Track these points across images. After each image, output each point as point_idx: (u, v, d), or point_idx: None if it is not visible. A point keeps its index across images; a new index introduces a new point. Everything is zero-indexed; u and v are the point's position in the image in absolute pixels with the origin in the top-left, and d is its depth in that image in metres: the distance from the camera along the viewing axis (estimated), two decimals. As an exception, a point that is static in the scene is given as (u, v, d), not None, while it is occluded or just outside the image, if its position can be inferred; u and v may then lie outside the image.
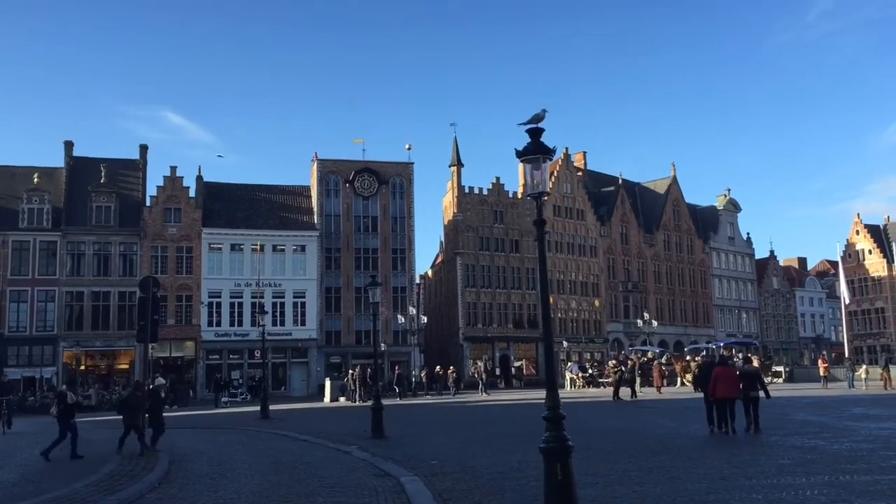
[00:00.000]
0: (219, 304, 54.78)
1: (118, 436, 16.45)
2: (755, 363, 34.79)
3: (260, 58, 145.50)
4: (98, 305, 51.98)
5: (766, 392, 17.95)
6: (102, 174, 53.08)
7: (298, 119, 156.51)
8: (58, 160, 56.19)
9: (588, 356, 63.83)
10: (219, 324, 54.48)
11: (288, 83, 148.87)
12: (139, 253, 53.31)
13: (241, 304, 55.01)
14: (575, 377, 48.56)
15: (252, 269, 54.56)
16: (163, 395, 17.84)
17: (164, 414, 17.57)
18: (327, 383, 44.36)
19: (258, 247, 55.21)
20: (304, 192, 61.70)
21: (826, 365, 42.51)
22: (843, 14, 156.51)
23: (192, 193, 55.87)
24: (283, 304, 56.03)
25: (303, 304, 56.68)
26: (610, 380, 39.21)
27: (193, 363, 53.65)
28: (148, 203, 55.00)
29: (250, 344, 52.28)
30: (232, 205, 57.72)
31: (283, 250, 57.11)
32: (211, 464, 14.81)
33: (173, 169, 55.98)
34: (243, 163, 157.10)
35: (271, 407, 30.67)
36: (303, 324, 56.44)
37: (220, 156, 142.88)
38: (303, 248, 57.68)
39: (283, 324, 55.38)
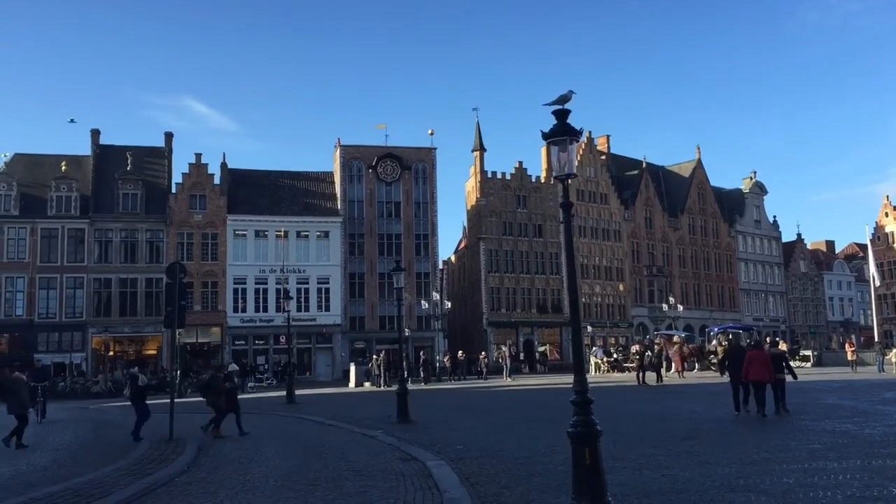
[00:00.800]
0: (244, 291, 55.23)
1: (155, 421, 16.77)
2: (782, 347, 34.56)
3: (282, 46, 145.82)
4: (126, 292, 52.60)
5: (794, 374, 18.39)
6: (128, 162, 53.55)
7: (321, 106, 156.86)
8: (85, 148, 56.83)
9: (613, 341, 63.58)
10: (244, 310, 54.93)
11: (310, 71, 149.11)
12: (165, 240, 53.81)
13: (265, 291, 55.40)
14: (600, 362, 48.40)
15: (276, 255, 54.86)
16: (236, 379, 18.64)
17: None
18: (352, 368, 44.54)
19: (282, 233, 55.49)
20: (327, 178, 61.84)
21: (853, 349, 41.95)
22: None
23: (216, 180, 56.27)
24: (307, 290, 56.32)
25: (327, 290, 56.95)
26: (634, 364, 38.95)
27: (220, 349, 54.15)
28: (173, 190, 55.47)
29: (275, 329, 52.66)
30: (256, 191, 58.02)
31: (306, 236, 57.37)
32: (239, 448, 14.91)
33: (198, 156, 56.40)
34: (266, 150, 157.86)
35: (297, 392, 30.89)
36: (327, 309, 56.73)
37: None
38: (326, 234, 57.90)
39: (307, 309, 55.70)
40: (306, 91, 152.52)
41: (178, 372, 41.90)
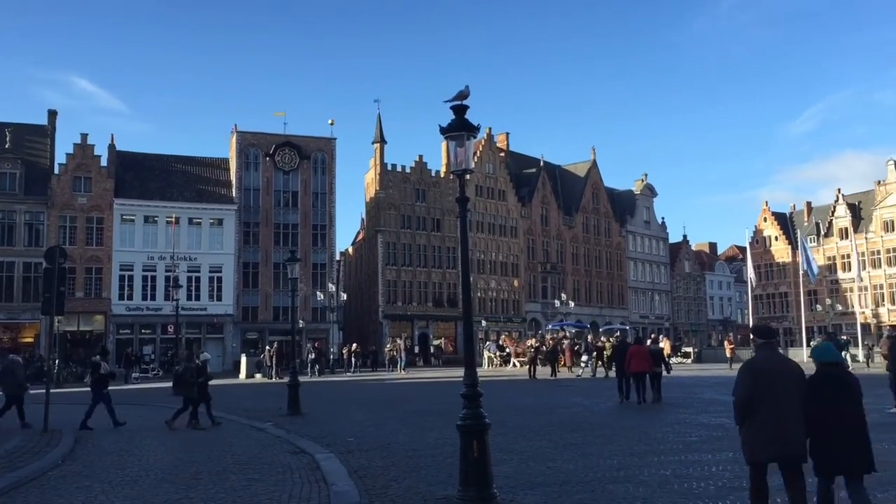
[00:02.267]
0: (131, 278, 53.21)
1: (30, 412, 16.07)
2: (665, 344, 36.76)
3: (177, 28, 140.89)
4: (1, 276, 49.75)
5: (668, 368, 22.26)
6: (7, 139, 50.65)
7: (218, 91, 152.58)
8: (-42, 123, 53.27)
9: (506, 335, 64.61)
10: (130, 297, 52.93)
11: (207, 55, 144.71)
12: (46, 223, 51.16)
13: (154, 278, 53.54)
14: (493, 356, 49.13)
15: (167, 241, 53.11)
16: (208, 369, 18.26)
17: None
18: (243, 359, 43.67)
19: (173, 219, 53.71)
20: (222, 164, 60.25)
21: (732, 346, 44.11)
22: (755, 6, 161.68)
23: (103, 162, 53.86)
24: (198, 279, 54.78)
25: (219, 279, 55.55)
26: (526, 359, 39.97)
27: (103, 338, 51.91)
28: (56, 171, 52.76)
29: (163, 319, 51.01)
30: (146, 175, 55.92)
31: (199, 223, 55.74)
32: (118, 440, 14.35)
33: (84, 136, 53.87)
34: (158, 133, 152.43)
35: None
36: (219, 299, 55.34)
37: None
38: (220, 222, 56.44)
39: (198, 298, 54.20)
40: (202, 75, 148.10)
41: (57, 361, 40.09)
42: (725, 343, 46.99)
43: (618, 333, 47.56)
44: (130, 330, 52.79)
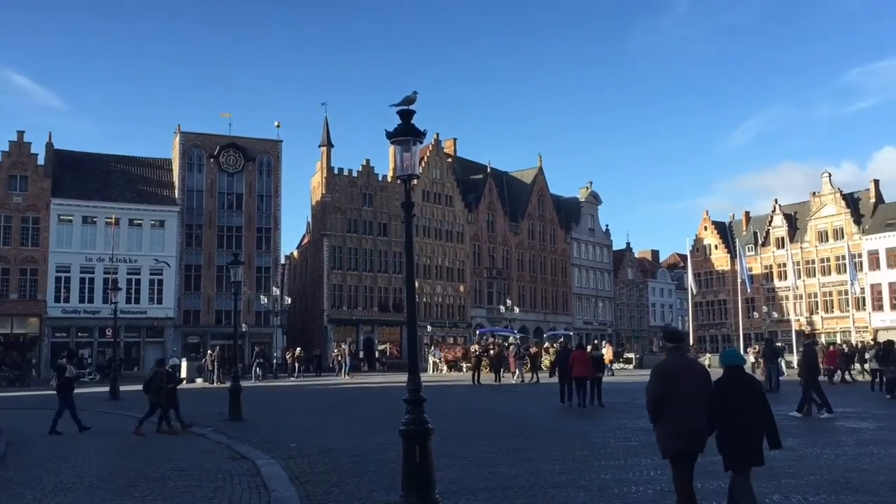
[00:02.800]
0: (68, 280, 51.82)
1: None
2: (607, 350, 37.61)
3: (118, 23, 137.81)
4: (-71, 277, 48.00)
5: (604, 373, 23.59)
6: (-62, 135, 48.90)
7: (161, 90, 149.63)
8: None
9: (451, 340, 64.74)
10: (67, 300, 51.54)
11: (150, 54, 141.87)
12: (-22, 222, 49.50)
13: (92, 280, 52.24)
14: (438, 361, 49.16)
15: (106, 243, 51.82)
16: (178, 375, 18.29)
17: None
18: (183, 364, 42.81)
19: (113, 220, 52.48)
20: (165, 165, 59.13)
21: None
22: (698, 20, 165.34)
23: (40, 161, 52.33)
24: (138, 281, 53.63)
25: (160, 282, 54.46)
26: (471, 364, 40.20)
27: (38, 341, 50.48)
28: (-10, 169, 51.12)
29: (101, 322, 49.79)
30: (85, 175, 54.52)
31: (140, 225, 54.60)
32: (53, 446, 13.99)
33: (20, 134, 52.31)
34: (99, 132, 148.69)
35: (123, 388, 29.27)
36: (159, 302, 54.26)
37: None
38: (162, 224, 55.36)
39: (137, 301, 53.07)
40: (145, 74, 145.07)
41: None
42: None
43: (562, 339, 48.36)
44: (66, 333, 51.38)
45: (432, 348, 53.97)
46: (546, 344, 51.78)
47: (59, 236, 51.82)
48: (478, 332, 61.23)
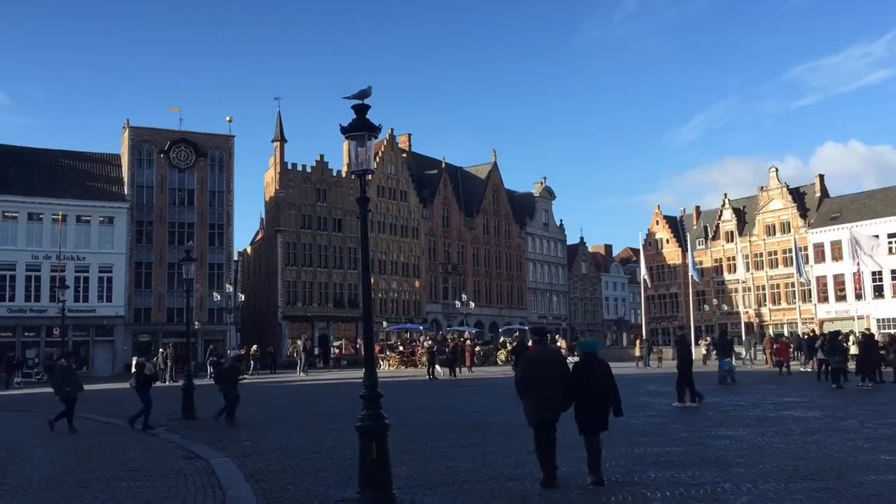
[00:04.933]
0: (13, 278, 50.54)
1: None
2: (561, 344, 38.11)
3: (61, 16, 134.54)
4: None
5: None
6: None
7: (108, 84, 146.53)
8: None
9: (406, 335, 64.61)
10: (12, 298, 50.28)
11: (96, 44, 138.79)
12: (-82, 219, 47.98)
13: (38, 278, 51.04)
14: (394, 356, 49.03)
15: (52, 240, 50.72)
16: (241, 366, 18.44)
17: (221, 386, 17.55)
18: (134, 362, 41.98)
19: (60, 217, 51.27)
20: (113, 160, 57.95)
21: (642, 345, 44.81)
22: (646, 17, 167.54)
23: (-18, 156, 50.92)
24: (87, 279, 52.55)
25: (109, 280, 53.42)
26: (424, 359, 40.95)
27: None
28: (-71, 164, 49.58)
29: (48, 321, 48.61)
30: (30, 170, 53.16)
31: (88, 221, 53.45)
32: (-1, 449, 13.62)
33: (-39, 127, 50.79)
34: (42, 127, 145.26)
35: (71, 388, 28.65)
36: (109, 300, 53.23)
37: None
38: (111, 220, 54.28)
39: (86, 300, 52.02)
40: (91, 68, 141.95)
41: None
42: (637, 343, 47.26)
43: (517, 333, 48.82)
44: (12, 333, 50.13)
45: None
46: (502, 339, 52.09)
47: (3, 233, 50.52)
48: (389, 328, 60.66)
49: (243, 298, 58.52)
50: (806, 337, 36.15)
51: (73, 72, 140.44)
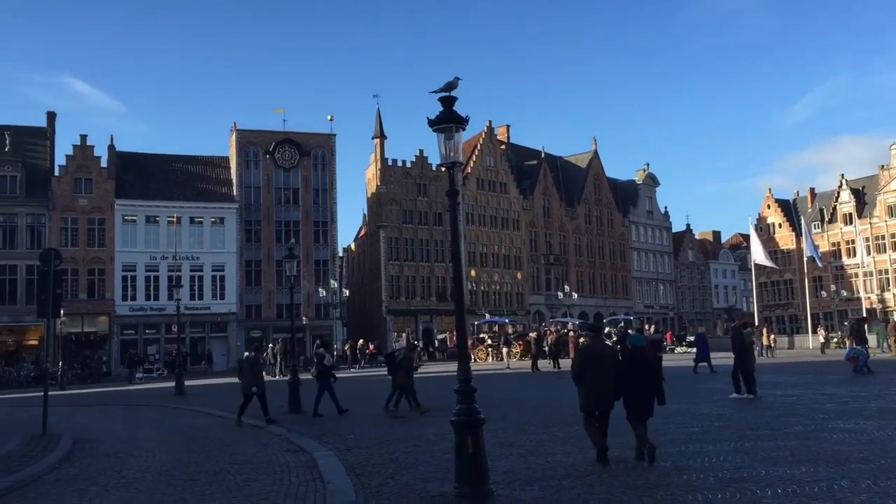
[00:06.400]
0: (134, 278, 53.23)
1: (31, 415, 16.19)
2: (650, 332, 38.58)
3: (171, 26, 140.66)
4: (4, 280, 49.82)
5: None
6: (7, 142, 50.65)
7: (215, 89, 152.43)
8: (-43, 127, 53.19)
9: (510, 328, 64.40)
10: (134, 298, 52.96)
11: (203, 53, 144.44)
12: (48, 225, 51.18)
13: (157, 278, 53.55)
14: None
15: (168, 241, 53.10)
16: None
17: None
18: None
19: (174, 219, 53.67)
20: (222, 162, 60.17)
21: (771, 335, 42.49)
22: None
23: (103, 163, 53.80)
24: (201, 278, 54.81)
25: (222, 278, 55.55)
26: (514, 351, 42.10)
27: (107, 338, 52.03)
28: (56, 173, 52.74)
29: (167, 318, 50.89)
30: (146, 175, 55.86)
31: (200, 222, 55.73)
32: (118, 442, 14.31)
33: (83, 138, 53.81)
34: (156, 133, 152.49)
35: (188, 382, 29.99)
36: (222, 297, 55.35)
37: None
38: (221, 221, 56.41)
39: (201, 297, 54.25)
40: (199, 74, 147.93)
41: (60, 363, 40.13)
42: (765, 332, 45.04)
43: (621, 324, 48.04)
44: (134, 331, 52.83)
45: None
46: (606, 329, 51.10)
47: (123, 236, 53.24)
48: (475, 323, 59.87)
49: (348, 294, 59.70)
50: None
51: (180, 78, 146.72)
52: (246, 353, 19.27)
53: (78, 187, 52.36)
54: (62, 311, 27.79)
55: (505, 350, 41.51)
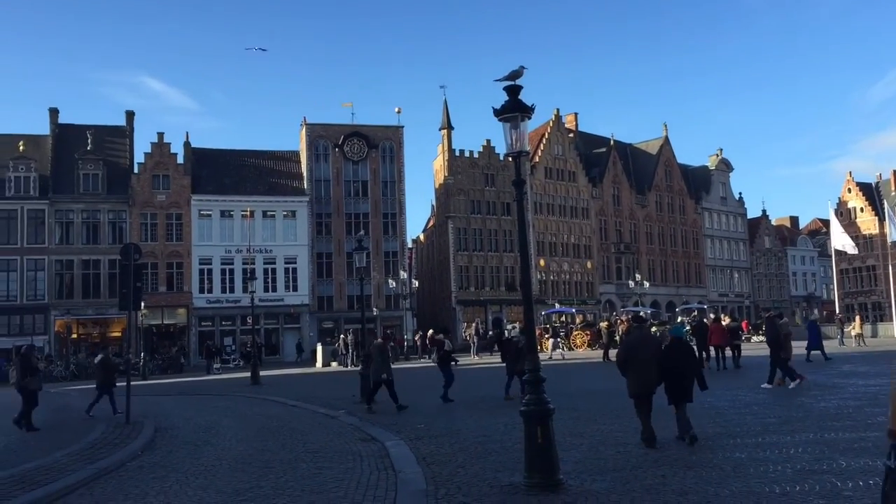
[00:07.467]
0: (210, 271, 54.70)
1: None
2: (726, 321, 36.80)
3: (241, 22, 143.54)
4: (88, 274, 51.83)
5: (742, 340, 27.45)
6: (89, 141, 52.52)
7: (285, 84, 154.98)
8: (42, 127, 55.63)
9: (580, 318, 63.80)
10: (210, 290, 54.43)
11: (272, 48, 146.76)
12: (128, 220, 53.00)
13: (231, 271, 54.91)
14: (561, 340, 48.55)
15: (242, 235, 54.34)
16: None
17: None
18: (318, 348, 44.36)
19: (248, 213, 54.92)
20: (292, 157, 61.23)
21: (861, 322, 41.01)
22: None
23: (179, 160, 55.42)
24: (274, 270, 55.95)
25: (294, 270, 56.60)
26: (579, 342, 41.78)
27: (186, 330, 53.65)
28: (136, 170, 54.57)
29: (242, 310, 52.10)
30: (220, 171, 57.27)
31: (273, 216, 56.86)
32: (197, 430, 14.75)
33: (160, 135, 55.48)
34: (228, 128, 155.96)
35: (263, 373, 30.71)
36: (294, 289, 56.41)
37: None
38: (293, 214, 57.44)
39: (274, 290, 55.38)
40: (269, 69, 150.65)
41: (143, 354, 41.57)
42: (857, 318, 43.50)
43: (695, 313, 47.08)
44: (211, 322, 54.34)
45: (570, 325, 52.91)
46: (679, 318, 50.19)
47: (199, 230, 54.73)
48: (543, 313, 58.95)
49: (417, 284, 60.09)
50: None
51: (252, 75, 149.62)
52: (378, 341, 19.19)
53: (156, 183, 54.06)
54: (143, 304, 28.78)
55: (551, 341, 40.26)
